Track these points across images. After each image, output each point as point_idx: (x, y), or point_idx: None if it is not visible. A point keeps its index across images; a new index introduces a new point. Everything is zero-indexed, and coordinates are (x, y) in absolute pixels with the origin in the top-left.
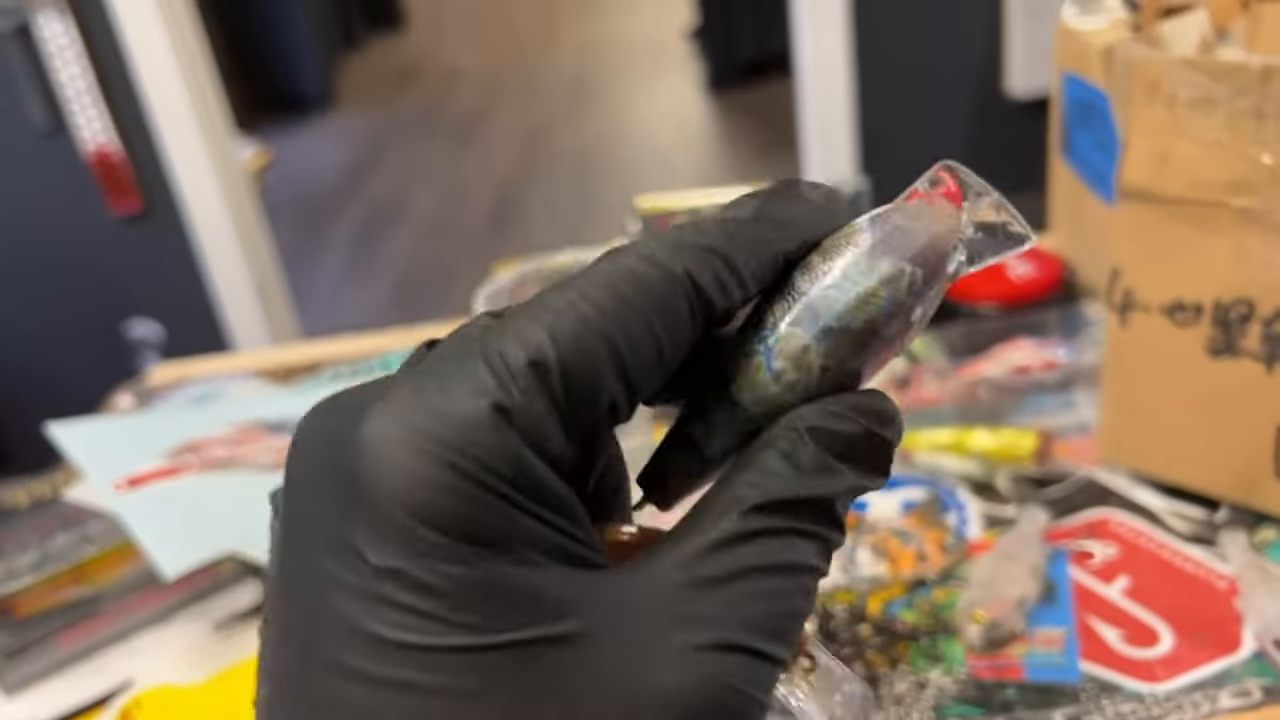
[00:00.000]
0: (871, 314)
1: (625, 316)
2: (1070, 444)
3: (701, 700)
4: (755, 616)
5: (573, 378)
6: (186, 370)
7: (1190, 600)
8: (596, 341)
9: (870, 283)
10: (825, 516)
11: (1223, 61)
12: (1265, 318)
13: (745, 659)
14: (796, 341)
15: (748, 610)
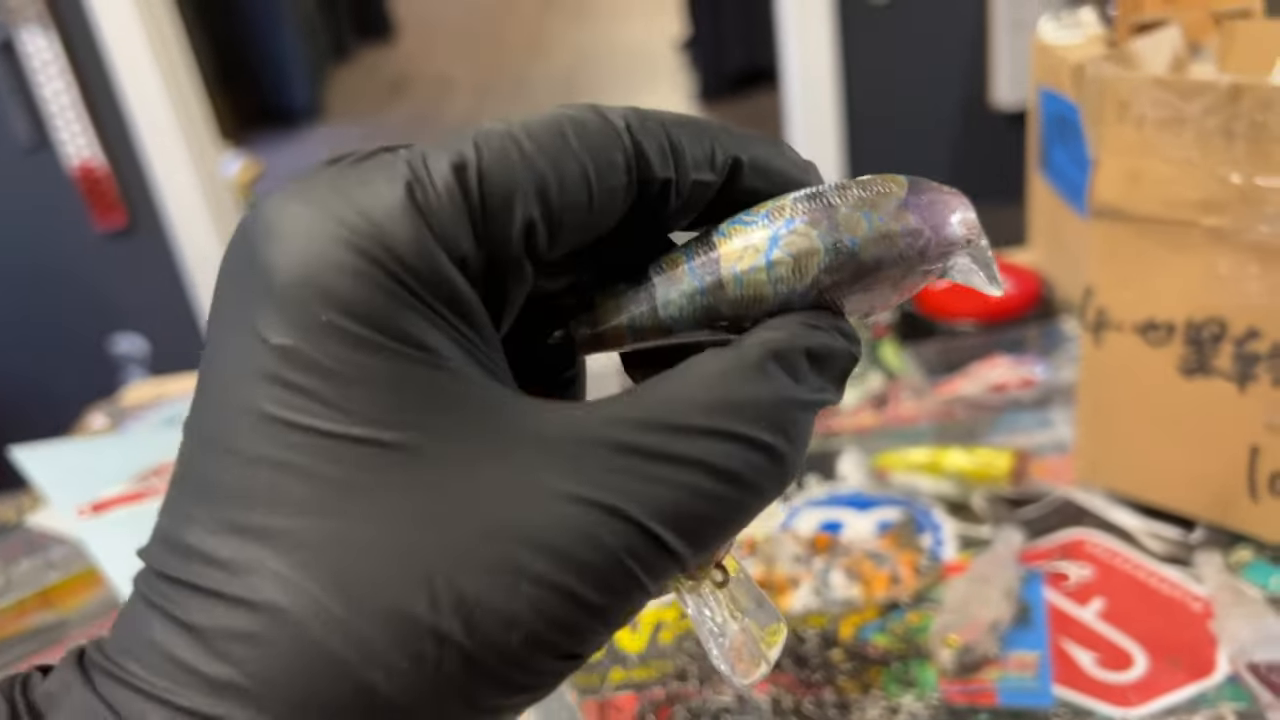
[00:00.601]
0: (881, 254)
1: (557, 148)
2: (1047, 463)
3: (574, 555)
4: (664, 503)
5: (490, 184)
6: (164, 388)
7: (1165, 623)
8: (521, 161)
9: (894, 227)
10: (782, 429)
11: (1191, 80)
12: (1237, 337)
13: (637, 535)
14: (806, 243)
15: (658, 493)
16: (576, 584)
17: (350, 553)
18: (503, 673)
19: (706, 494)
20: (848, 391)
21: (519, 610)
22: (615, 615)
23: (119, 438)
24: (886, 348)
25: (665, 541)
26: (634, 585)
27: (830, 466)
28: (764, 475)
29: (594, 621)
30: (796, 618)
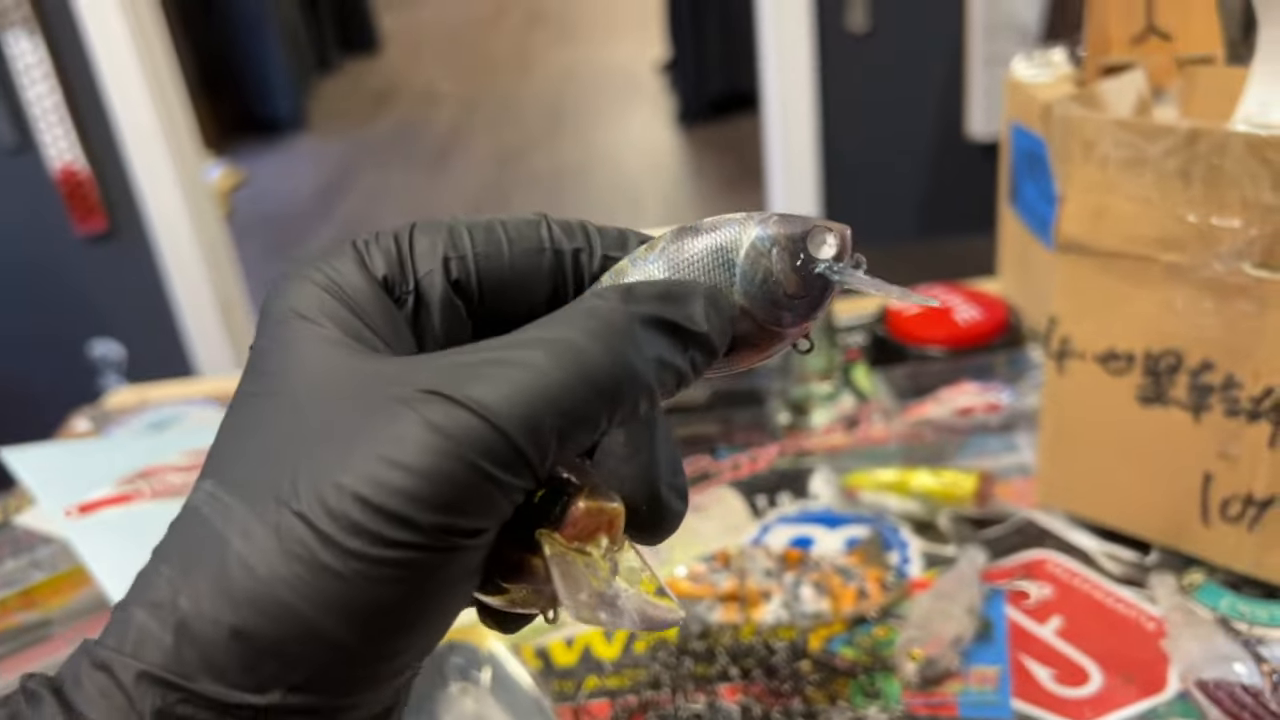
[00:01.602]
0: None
1: (481, 219)
2: (1011, 485)
3: (417, 457)
4: (509, 392)
5: (418, 237)
6: (146, 394)
7: (1120, 641)
8: (447, 223)
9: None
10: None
11: (1153, 123)
12: (1192, 369)
13: (482, 429)
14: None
15: (499, 384)
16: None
17: (239, 466)
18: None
19: (553, 384)
20: (820, 412)
21: (350, 483)
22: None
23: (106, 441)
24: (858, 371)
25: (511, 437)
26: (491, 488)
27: (802, 484)
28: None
29: (434, 514)
30: (767, 629)
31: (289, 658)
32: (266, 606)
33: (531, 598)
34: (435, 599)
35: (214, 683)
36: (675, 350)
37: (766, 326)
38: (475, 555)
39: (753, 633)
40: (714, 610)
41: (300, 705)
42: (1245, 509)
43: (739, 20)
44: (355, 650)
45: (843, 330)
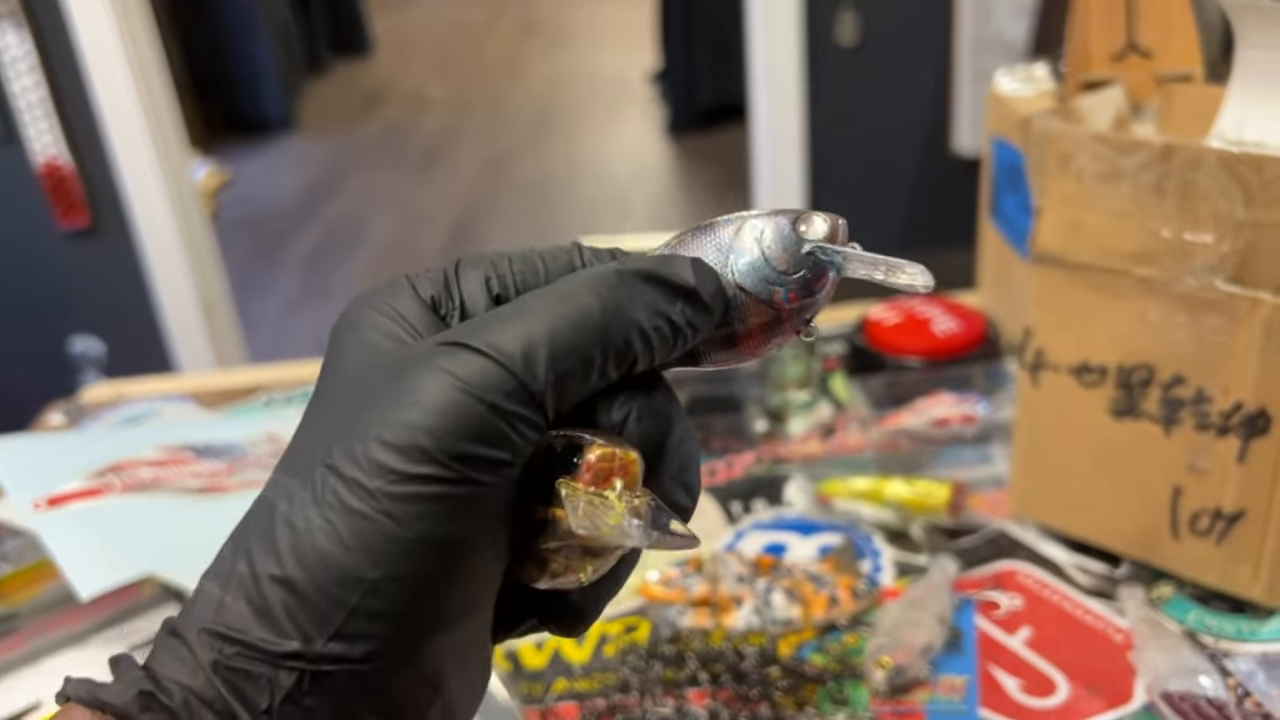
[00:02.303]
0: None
1: (520, 249)
2: (985, 496)
3: (428, 395)
4: (509, 333)
5: (463, 264)
6: (123, 389)
7: (1088, 653)
8: (490, 252)
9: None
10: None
11: (1129, 138)
12: (1164, 382)
13: (483, 363)
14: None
15: (499, 330)
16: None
17: (294, 451)
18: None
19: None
20: (798, 420)
21: (373, 429)
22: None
23: (78, 435)
24: (836, 380)
25: (512, 370)
26: (498, 419)
27: (778, 492)
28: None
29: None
30: (738, 635)
31: (329, 604)
32: (304, 555)
33: (564, 563)
34: (463, 542)
35: (265, 633)
36: (664, 299)
37: (762, 302)
38: (496, 494)
39: (723, 638)
40: (685, 615)
41: (344, 653)
42: (1214, 523)
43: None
44: (391, 595)
45: (821, 340)
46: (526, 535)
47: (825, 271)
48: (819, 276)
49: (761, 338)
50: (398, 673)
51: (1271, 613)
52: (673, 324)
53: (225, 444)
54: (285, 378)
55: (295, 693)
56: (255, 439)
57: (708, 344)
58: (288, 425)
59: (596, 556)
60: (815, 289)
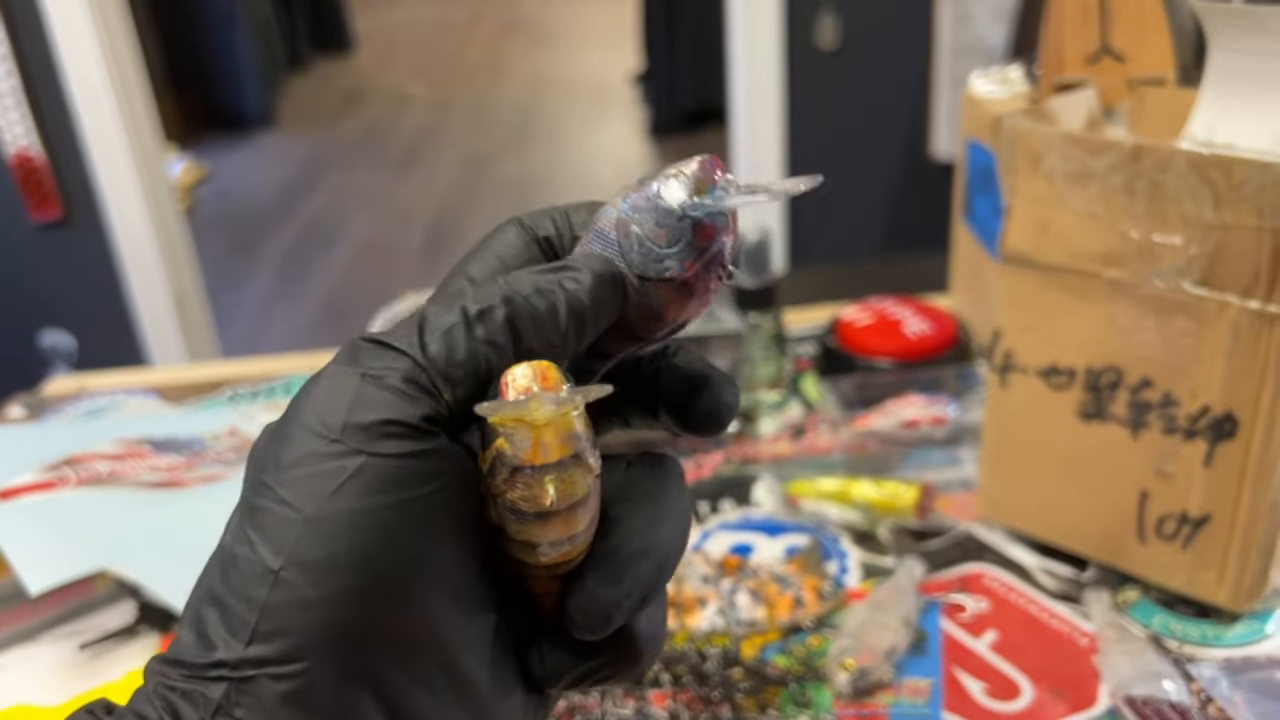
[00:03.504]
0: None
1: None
2: (953, 499)
3: (316, 387)
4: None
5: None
6: (86, 382)
7: (1053, 656)
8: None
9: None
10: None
11: (1099, 138)
12: (1132, 385)
13: (357, 344)
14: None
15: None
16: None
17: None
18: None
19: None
20: (767, 420)
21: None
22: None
23: (36, 427)
24: (807, 381)
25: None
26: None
27: (746, 492)
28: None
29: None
30: (701, 636)
31: (244, 605)
32: (225, 568)
33: (524, 493)
34: (372, 523)
35: (196, 650)
36: (539, 274)
37: (663, 281)
38: (403, 469)
39: (686, 639)
40: None
41: (263, 655)
42: (1180, 527)
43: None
44: (295, 583)
45: (793, 340)
46: (496, 527)
47: (708, 227)
48: (704, 234)
49: (681, 306)
50: (328, 680)
51: (1236, 618)
52: (544, 289)
53: (185, 437)
54: (253, 372)
55: (225, 704)
56: (216, 433)
57: (634, 324)
58: (250, 420)
59: (551, 470)
60: (706, 246)
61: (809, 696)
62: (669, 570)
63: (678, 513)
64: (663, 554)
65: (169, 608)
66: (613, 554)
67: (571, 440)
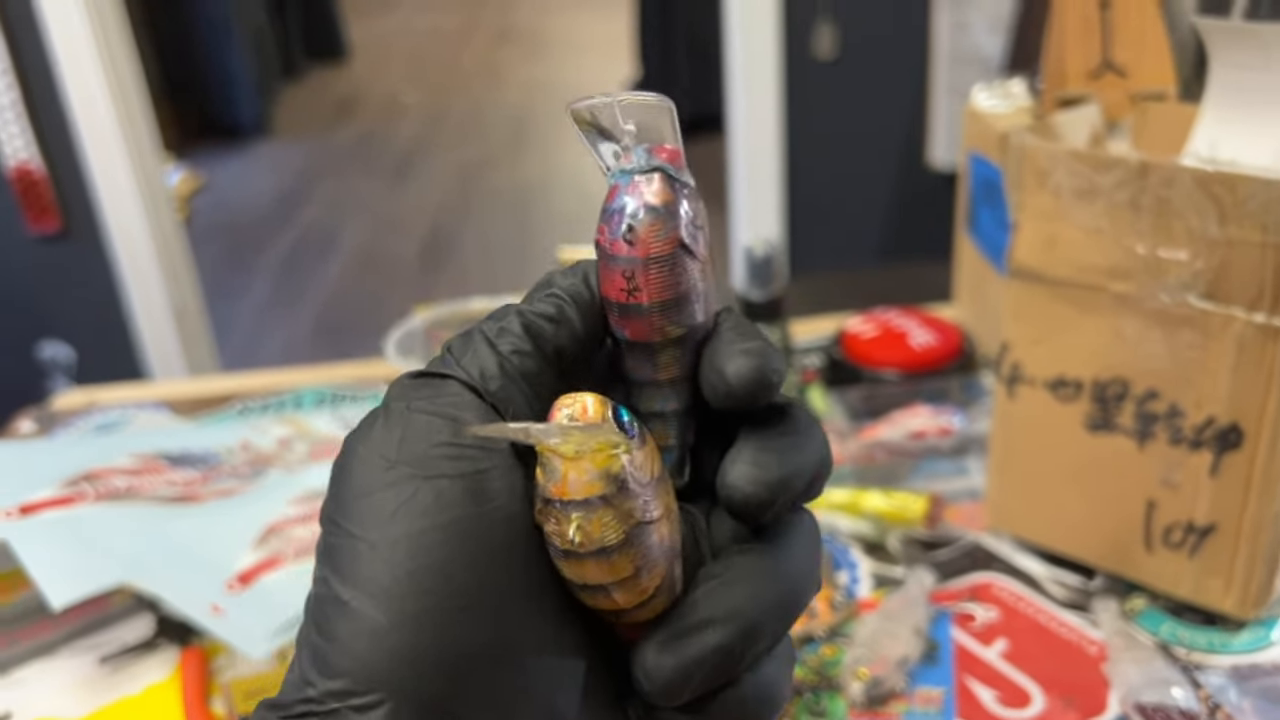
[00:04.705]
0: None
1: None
2: (961, 509)
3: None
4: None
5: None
6: (95, 396)
7: (1062, 665)
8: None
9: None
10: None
11: (1105, 155)
12: (1138, 397)
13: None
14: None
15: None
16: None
17: None
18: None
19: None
20: None
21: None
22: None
23: (50, 442)
24: (814, 392)
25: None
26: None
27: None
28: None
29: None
30: None
31: (323, 639)
32: (309, 608)
33: (555, 527)
34: (436, 542)
35: (289, 689)
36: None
37: (618, 243)
38: (458, 489)
39: None
40: None
41: (343, 689)
42: (1186, 536)
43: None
44: (365, 614)
45: (799, 352)
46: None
47: (612, 188)
48: (608, 196)
49: (604, 272)
50: (409, 710)
51: (1242, 625)
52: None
53: (200, 452)
54: (259, 386)
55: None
56: (230, 446)
57: (613, 319)
58: (262, 433)
59: (577, 508)
60: (607, 204)
61: (824, 706)
62: (763, 635)
63: (782, 571)
64: (749, 617)
65: (187, 620)
66: (678, 618)
67: (605, 480)
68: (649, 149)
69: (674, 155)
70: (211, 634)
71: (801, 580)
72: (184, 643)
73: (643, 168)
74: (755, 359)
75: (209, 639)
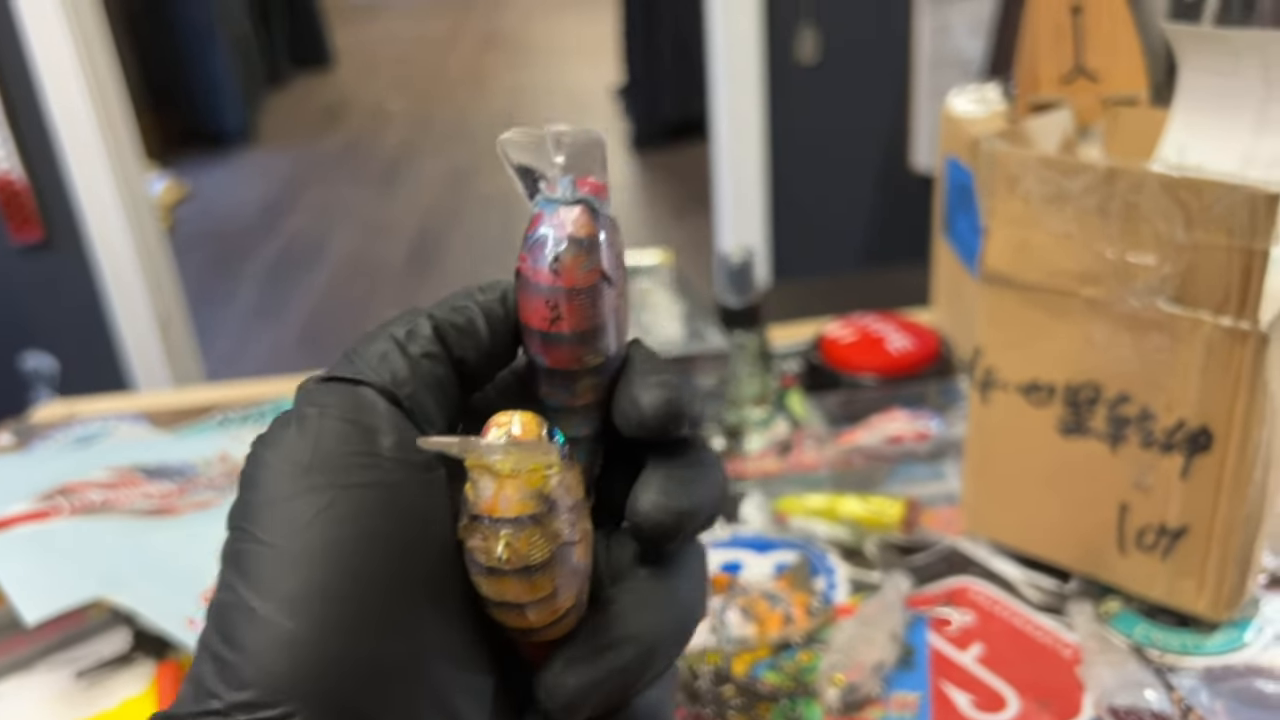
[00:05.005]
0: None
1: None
2: (938, 513)
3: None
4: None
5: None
6: (75, 408)
7: (1038, 668)
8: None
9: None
10: None
11: (1073, 161)
12: (1110, 400)
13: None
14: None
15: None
16: None
17: None
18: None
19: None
20: (755, 437)
21: None
22: None
23: (27, 455)
24: (792, 397)
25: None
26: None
27: (734, 509)
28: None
29: None
30: (693, 655)
31: (230, 650)
32: (209, 613)
33: (481, 544)
34: (344, 551)
35: (189, 702)
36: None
37: (542, 272)
38: (368, 497)
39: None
40: None
41: (252, 700)
42: (1159, 539)
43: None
44: (270, 621)
45: (778, 357)
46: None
47: (535, 216)
48: (530, 224)
49: (523, 298)
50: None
51: (1215, 627)
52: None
53: (177, 464)
54: (241, 396)
55: None
56: (208, 458)
57: (533, 346)
58: (241, 444)
59: (507, 525)
60: (531, 233)
61: (800, 712)
62: (660, 659)
63: (680, 599)
64: (649, 641)
65: (164, 635)
66: (586, 638)
67: (537, 499)
68: (574, 180)
69: (598, 188)
70: (188, 648)
71: (696, 609)
72: (160, 657)
73: (567, 199)
74: (668, 391)
75: (185, 653)
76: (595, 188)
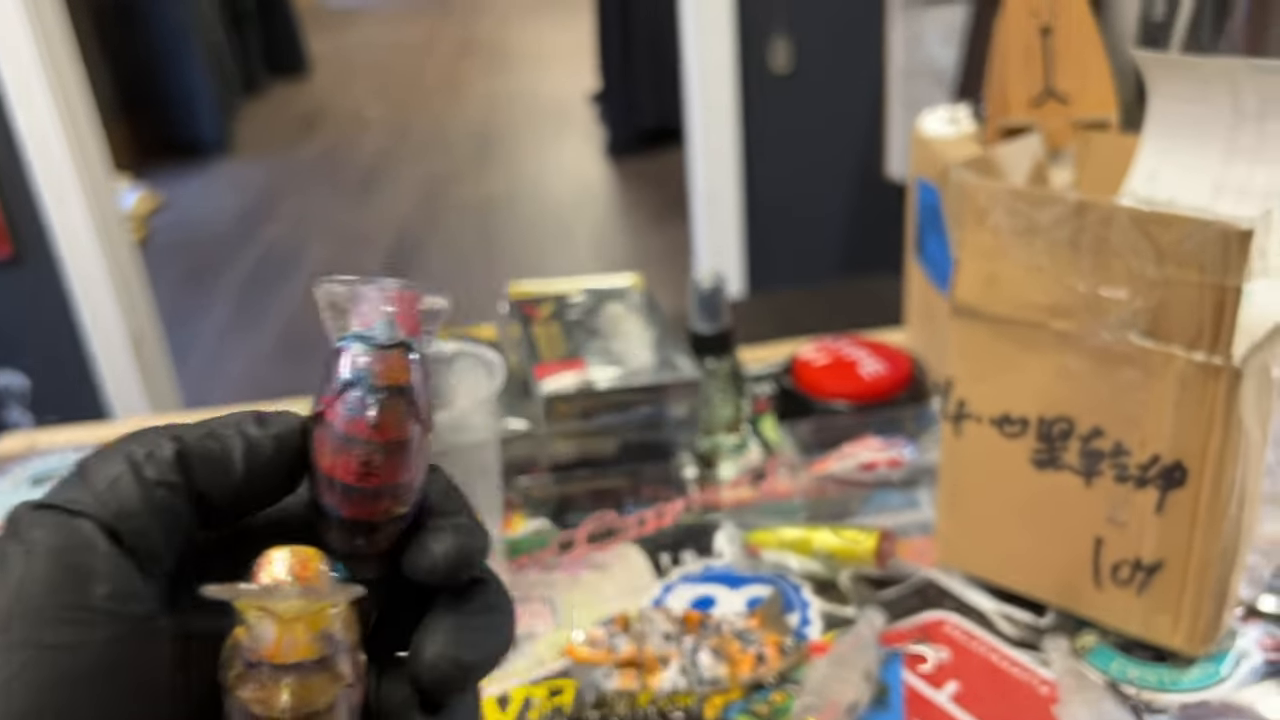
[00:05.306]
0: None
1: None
2: (913, 543)
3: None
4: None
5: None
6: (35, 440)
7: (1013, 707)
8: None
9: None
10: None
11: (1043, 193)
12: (1083, 434)
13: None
14: None
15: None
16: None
17: None
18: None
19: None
20: (728, 465)
21: None
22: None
23: None
24: (766, 423)
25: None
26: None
27: (707, 541)
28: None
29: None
30: (664, 697)
31: None
32: None
33: (260, 694)
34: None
35: None
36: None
37: (358, 423)
38: (87, 657)
39: (649, 700)
40: (611, 677)
41: None
42: (1134, 573)
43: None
44: None
45: (750, 379)
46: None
47: (335, 351)
48: (337, 359)
49: (323, 444)
50: None
51: (1191, 661)
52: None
53: None
54: None
55: None
56: None
57: (321, 489)
58: None
59: (290, 673)
60: (339, 374)
61: None
62: None
63: None
64: None
65: None
66: None
67: (322, 642)
68: (392, 317)
69: (411, 303)
70: None
71: None
72: None
73: (386, 340)
74: (462, 537)
75: None
76: (408, 304)
